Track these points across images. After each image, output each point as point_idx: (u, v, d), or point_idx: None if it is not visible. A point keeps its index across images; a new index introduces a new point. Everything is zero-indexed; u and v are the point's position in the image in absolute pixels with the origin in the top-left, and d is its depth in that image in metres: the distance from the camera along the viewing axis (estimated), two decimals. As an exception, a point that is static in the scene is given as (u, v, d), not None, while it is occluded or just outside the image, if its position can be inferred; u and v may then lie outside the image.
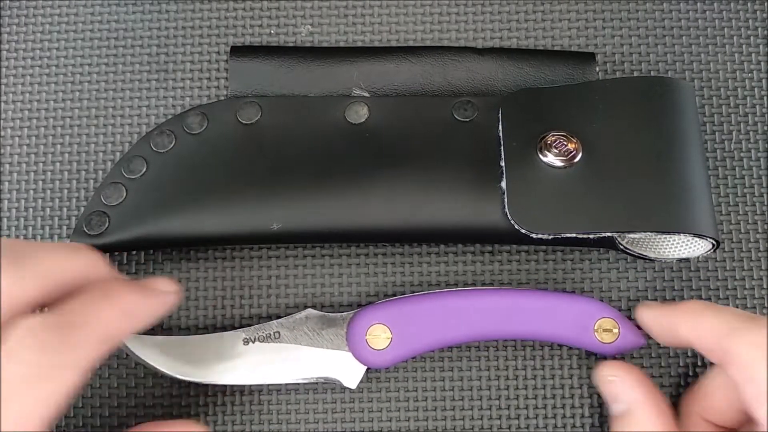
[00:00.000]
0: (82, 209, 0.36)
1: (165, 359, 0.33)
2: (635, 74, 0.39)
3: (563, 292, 0.35)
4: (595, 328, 0.34)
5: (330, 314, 0.34)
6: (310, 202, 0.34)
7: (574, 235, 0.33)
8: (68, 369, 0.25)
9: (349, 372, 0.33)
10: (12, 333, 0.24)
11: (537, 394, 0.35)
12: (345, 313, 0.34)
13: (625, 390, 0.32)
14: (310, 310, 0.35)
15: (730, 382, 0.30)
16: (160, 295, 0.29)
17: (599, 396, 0.35)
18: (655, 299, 0.36)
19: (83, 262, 0.27)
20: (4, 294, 0.25)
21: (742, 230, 0.37)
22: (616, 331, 0.34)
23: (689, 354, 0.36)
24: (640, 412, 0.31)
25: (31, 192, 0.37)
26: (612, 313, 0.34)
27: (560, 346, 0.35)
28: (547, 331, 0.34)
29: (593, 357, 0.35)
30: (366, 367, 0.34)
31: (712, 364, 0.33)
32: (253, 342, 0.34)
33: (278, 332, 0.34)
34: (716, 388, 0.32)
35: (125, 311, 0.27)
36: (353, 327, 0.34)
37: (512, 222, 0.33)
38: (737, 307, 0.36)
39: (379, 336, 0.33)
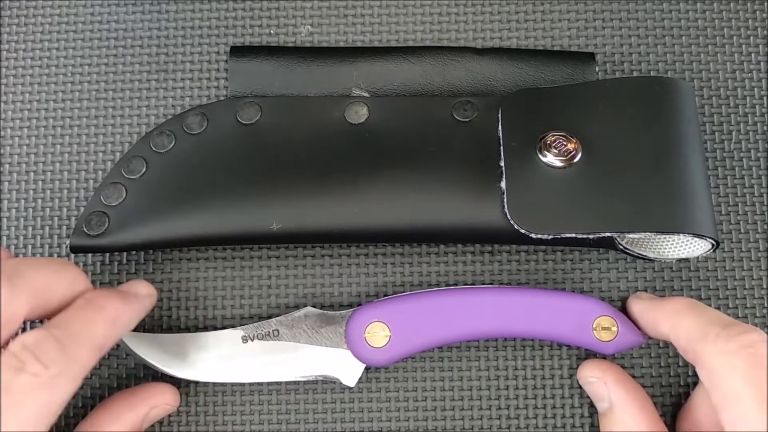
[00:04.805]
0: (82, 209, 0.36)
1: (164, 358, 0.33)
2: (635, 74, 0.39)
3: (562, 291, 0.35)
4: (594, 326, 0.34)
5: (329, 312, 0.34)
6: (309, 202, 0.34)
7: (573, 235, 0.33)
8: (68, 378, 0.27)
9: (348, 370, 0.33)
10: (14, 347, 0.26)
11: (537, 394, 0.35)
12: (344, 311, 0.34)
13: (606, 389, 0.33)
14: (309, 308, 0.35)
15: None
16: (140, 299, 0.32)
17: (599, 396, 0.35)
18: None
19: (68, 277, 0.30)
20: (3, 311, 0.27)
21: (742, 230, 0.37)
22: (614, 329, 0.34)
23: (689, 354, 0.36)
24: (621, 411, 0.32)
25: (31, 192, 0.37)
26: (610, 312, 0.34)
27: (560, 345, 0.35)
28: (546, 330, 0.34)
29: (592, 357, 0.35)
30: (365, 366, 0.34)
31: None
32: (252, 340, 0.34)
33: (277, 330, 0.34)
34: (700, 402, 0.32)
35: (112, 320, 0.29)
36: (352, 325, 0.34)
37: (512, 222, 0.33)
38: (736, 307, 0.36)
39: (377, 334, 0.33)
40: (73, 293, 0.29)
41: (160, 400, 0.32)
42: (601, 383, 0.33)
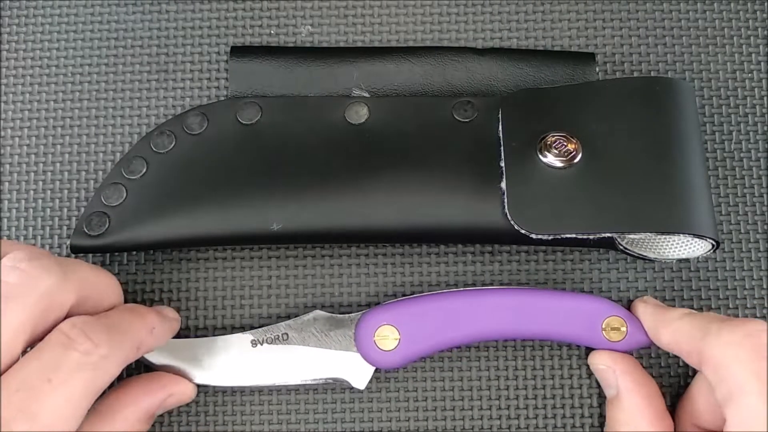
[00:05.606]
0: (82, 210, 0.36)
1: (172, 361, 0.33)
2: (635, 74, 0.38)
3: (571, 292, 0.35)
4: (603, 326, 0.33)
5: (338, 315, 0.34)
6: (310, 202, 0.34)
7: (573, 235, 0.33)
8: (113, 362, 0.28)
9: (357, 373, 0.33)
10: (64, 326, 0.27)
11: (537, 394, 0.35)
12: (353, 314, 0.34)
13: (614, 377, 0.33)
14: (317, 312, 0.34)
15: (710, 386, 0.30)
16: (170, 321, 0.33)
17: (599, 396, 0.35)
18: (656, 299, 0.36)
19: (107, 283, 0.31)
20: (52, 290, 0.27)
21: (742, 230, 0.37)
22: (624, 329, 0.33)
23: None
24: (627, 400, 0.32)
25: (31, 192, 0.37)
26: (620, 312, 0.34)
27: (560, 345, 0.35)
28: (555, 330, 0.34)
29: (593, 357, 0.35)
30: (374, 368, 0.33)
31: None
32: (261, 344, 0.34)
33: (286, 334, 0.34)
34: (700, 392, 0.32)
35: (150, 329, 0.31)
36: (361, 328, 0.33)
37: (512, 222, 0.33)
38: (736, 308, 0.36)
39: (387, 337, 0.33)
40: (109, 301, 0.31)
41: (179, 389, 0.33)
42: (611, 371, 0.33)
